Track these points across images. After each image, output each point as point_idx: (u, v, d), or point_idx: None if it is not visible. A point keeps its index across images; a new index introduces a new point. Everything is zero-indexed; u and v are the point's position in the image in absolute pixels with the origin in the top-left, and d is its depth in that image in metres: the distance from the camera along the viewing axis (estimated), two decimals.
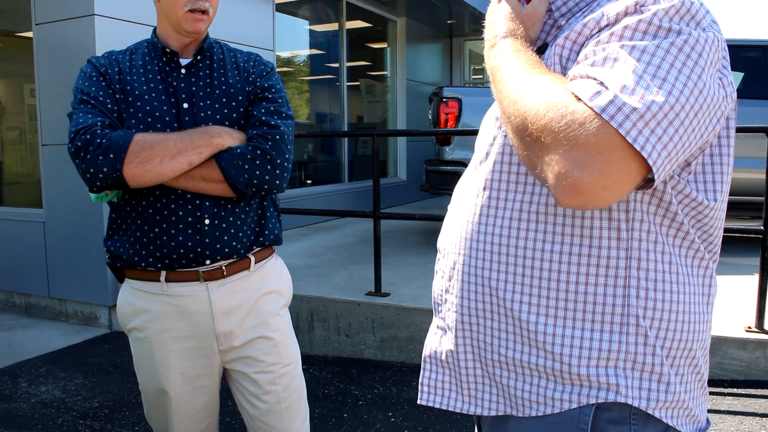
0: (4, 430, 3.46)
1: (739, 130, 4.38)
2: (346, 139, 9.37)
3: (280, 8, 7.73)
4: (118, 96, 1.86)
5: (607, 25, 1.01)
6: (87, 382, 4.14)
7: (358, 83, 10.52)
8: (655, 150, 0.89)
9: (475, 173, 1.22)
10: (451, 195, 1.37)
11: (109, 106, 1.83)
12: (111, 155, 1.72)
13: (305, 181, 8.96)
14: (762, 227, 3.99)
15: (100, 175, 1.73)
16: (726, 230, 4.96)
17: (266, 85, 1.97)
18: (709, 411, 3.39)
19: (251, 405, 2.00)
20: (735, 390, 3.78)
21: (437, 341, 1.28)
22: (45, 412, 3.69)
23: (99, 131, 1.74)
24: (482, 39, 1.25)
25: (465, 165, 6.03)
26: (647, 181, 0.93)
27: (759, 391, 3.77)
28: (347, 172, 9.35)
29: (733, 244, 6.21)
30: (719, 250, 1.15)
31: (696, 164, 1.06)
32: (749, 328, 4.00)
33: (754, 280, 4.15)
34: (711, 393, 3.63)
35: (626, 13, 0.99)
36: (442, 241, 1.29)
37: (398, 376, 4.12)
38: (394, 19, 10.60)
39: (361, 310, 4.46)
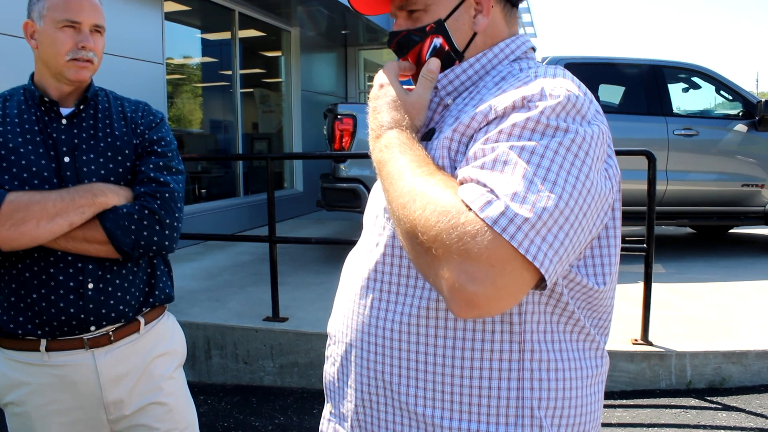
0: None
1: (620, 153, 4.57)
2: (240, 150, 9.20)
3: (169, 17, 7.49)
4: None
5: (495, 119, 1.00)
6: None
7: (252, 91, 10.37)
8: (547, 257, 0.89)
9: (365, 258, 1.20)
10: (346, 210, 1.33)
11: None
12: None
13: (200, 195, 8.73)
14: (645, 244, 4.19)
15: None
16: None
17: (155, 137, 1.86)
18: (602, 425, 3.53)
19: None
20: (624, 401, 3.97)
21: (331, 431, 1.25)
22: None
23: None
24: (377, 48, 1.22)
25: (360, 182, 6.03)
26: (540, 282, 0.93)
27: (645, 401, 3.97)
28: (242, 186, 9.18)
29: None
30: (610, 326, 1.18)
31: (584, 252, 1.07)
32: (635, 340, 4.21)
33: (639, 288, 4.35)
34: (603, 406, 3.79)
35: (514, 108, 0.99)
36: (333, 326, 1.26)
37: (299, 404, 4.06)
38: (288, 29, 10.50)
39: (259, 337, 4.37)
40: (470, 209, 0.89)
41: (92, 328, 1.76)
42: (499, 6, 1.19)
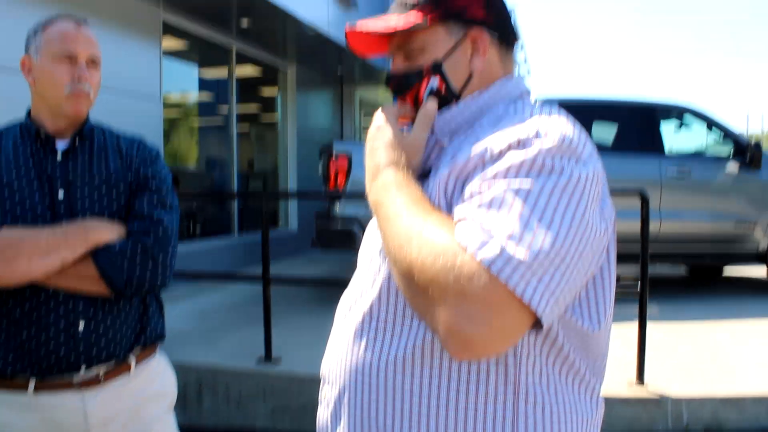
0: None
1: (613, 192, 4.59)
2: (235, 188, 9.21)
3: (167, 54, 7.56)
4: None
5: (491, 159, 1.00)
6: None
7: (248, 128, 10.43)
8: (543, 299, 0.89)
9: (359, 298, 1.18)
10: (341, 250, 1.32)
11: None
12: None
13: (194, 233, 8.70)
14: (638, 284, 4.18)
15: None
16: None
17: (150, 173, 1.85)
18: None
19: None
20: None
21: None
22: None
23: None
24: (372, 87, 1.22)
25: (356, 221, 6.01)
26: (536, 323, 0.92)
27: None
28: (237, 224, 9.17)
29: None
30: (605, 369, 1.17)
31: (579, 293, 1.06)
32: (631, 383, 4.15)
33: (633, 329, 4.27)
34: None
35: (510, 149, 0.99)
36: (326, 368, 1.24)
37: None
38: (284, 67, 10.60)
39: (252, 379, 4.31)
40: (466, 250, 0.89)
41: (82, 368, 1.73)
42: (495, 47, 1.20)
